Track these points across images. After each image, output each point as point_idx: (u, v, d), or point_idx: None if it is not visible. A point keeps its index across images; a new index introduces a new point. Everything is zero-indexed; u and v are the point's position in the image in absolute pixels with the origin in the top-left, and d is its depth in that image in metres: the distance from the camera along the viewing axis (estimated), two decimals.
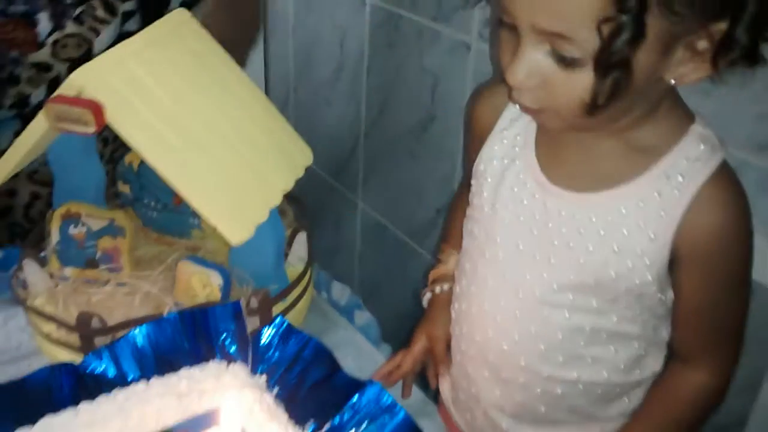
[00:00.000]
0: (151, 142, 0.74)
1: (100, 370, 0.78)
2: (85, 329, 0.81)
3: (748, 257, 0.67)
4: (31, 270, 0.89)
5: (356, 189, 1.60)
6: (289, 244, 0.95)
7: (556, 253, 0.68)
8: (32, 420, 0.69)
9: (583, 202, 0.67)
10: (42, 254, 0.92)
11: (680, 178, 0.63)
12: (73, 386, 0.76)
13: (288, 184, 0.85)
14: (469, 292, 0.77)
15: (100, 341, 0.82)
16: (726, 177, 0.64)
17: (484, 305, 0.75)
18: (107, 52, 0.76)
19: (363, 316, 1.00)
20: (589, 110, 0.59)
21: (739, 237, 0.65)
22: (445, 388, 0.88)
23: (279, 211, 0.86)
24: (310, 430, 0.72)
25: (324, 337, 0.80)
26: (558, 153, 0.69)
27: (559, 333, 0.70)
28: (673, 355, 0.73)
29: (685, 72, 0.59)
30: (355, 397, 0.73)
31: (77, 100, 0.71)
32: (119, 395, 0.72)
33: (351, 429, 0.72)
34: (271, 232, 0.85)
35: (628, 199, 0.65)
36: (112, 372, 0.78)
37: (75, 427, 0.67)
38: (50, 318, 0.83)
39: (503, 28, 0.62)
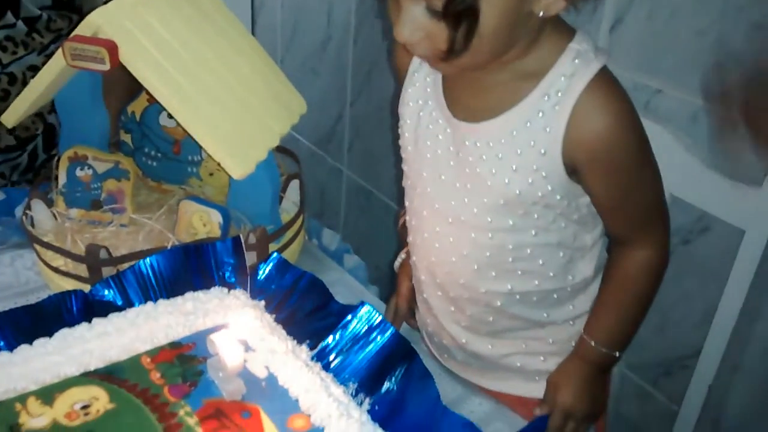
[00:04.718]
0: (161, 82, 0.79)
1: (108, 298, 0.83)
2: (94, 260, 0.86)
3: (643, 144, 0.73)
4: (38, 209, 0.94)
5: (341, 156, 1.66)
6: (284, 189, 1.01)
7: (470, 180, 0.76)
8: (47, 336, 0.75)
9: (481, 130, 0.74)
10: (49, 196, 0.97)
11: (558, 95, 0.69)
12: (83, 310, 0.81)
13: (284, 128, 0.91)
14: (411, 225, 0.86)
15: (107, 273, 0.87)
16: (602, 84, 0.69)
17: (424, 234, 0.83)
18: None
19: (352, 260, 1.07)
20: (446, 57, 0.66)
21: (626, 132, 0.71)
22: (419, 321, 0.95)
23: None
24: (307, 347, 0.78)
25: None
26: (458, 90, 0.77)
27: (487, 252, 0.78)
28: (612, 242, 0.81)
29: (549, 3, 0.66)
30: (348, 317, 0.79)
31: (94, 39, 0.76)
32: (129, 313, 0.78)
33: (345, 346, 0.79)
34: (268, 174, 0.91)
35: (516, 121, 0.72)
36: (119, 300, 0.83)
37: (90, 337, 0.73)
38: (60, 250, 0.88)
39: None
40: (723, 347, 0.93)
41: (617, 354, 0.79)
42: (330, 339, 0.79)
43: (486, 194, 0.75)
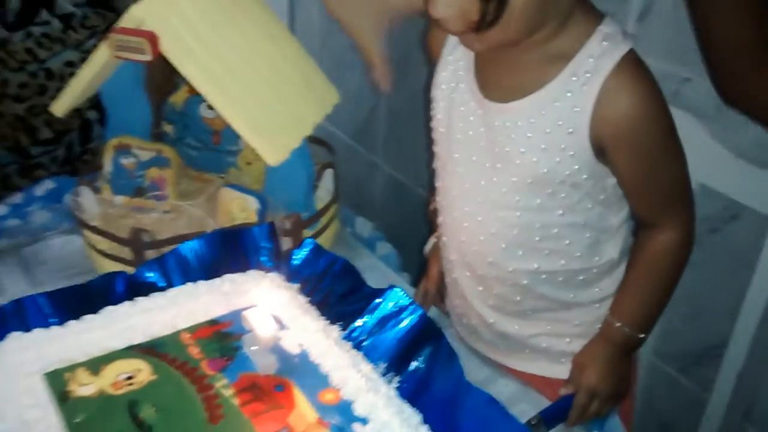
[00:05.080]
0: (199, 71, 0.83)
1: (150, 279, 0.87)
2: (138, 243, 0.90)
3: (668, 126, 0.74)
4: (86, 196, 0.99)
5: (376, 149, 1.69)
6: (318, 179, 1.05)
7: (499, 159, 0.78)
8: (93, 312, 0.79)
9: (510, 110, 0.76)
10: (95, 184, 1.02)
11: (587, 75, 0.71)
12: (127, 291, 0.85)
13: (318, 117, 0.94)
14: (442, 205, 0.88)
15: (150, 256, 0.91)
16: (629, 66, 0.71)
17: (454, 213, 0.85)
18: None
19: (385, 247, 1.09)
20: (478, 29, 0.68)
21: (652, 113, 0.72)
22: (449, 304, 0.98)
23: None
24: (339, 327, 0.81)
25: None
26: (489, 71, 0.79)
27: (515, 230, 0.80)
28: (639, 225, 0.82)
29: None
30: (378, 299, 0.82)
31: (137, 31, 0.81)
32: (170, 292, 0.82)
33: (376, 327, 0.82)
34: (302, 163, 0.95)
35: (545, 101, 0.74)
36: (161, 282, 0.88)
37: (133, 313, 0.77)
38: (107, 234, 0.92)
39: None
40: (752, 335, 0.93)
41: (642, 335, 0.80)
42: (361, 321, 0.82)
43: (515, 173, 0.77)
